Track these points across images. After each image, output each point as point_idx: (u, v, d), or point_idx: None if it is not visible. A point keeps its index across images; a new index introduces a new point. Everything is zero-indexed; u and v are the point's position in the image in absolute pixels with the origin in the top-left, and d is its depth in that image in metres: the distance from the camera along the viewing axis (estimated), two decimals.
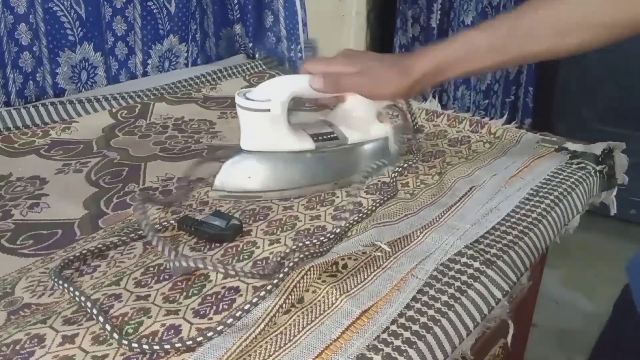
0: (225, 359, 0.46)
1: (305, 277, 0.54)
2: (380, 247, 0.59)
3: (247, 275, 0.55)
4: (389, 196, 0.71)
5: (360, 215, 0.66)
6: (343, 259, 0.59)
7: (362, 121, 0.76)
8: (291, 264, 0.55)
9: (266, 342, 0.49)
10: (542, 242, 0.66)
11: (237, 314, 0.50)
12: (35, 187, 0.75)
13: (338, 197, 0.71)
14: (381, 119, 0.77)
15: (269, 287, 0.52)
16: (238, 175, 0.70)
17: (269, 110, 0.68)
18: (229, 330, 0.49)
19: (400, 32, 1.98)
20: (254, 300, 0.51)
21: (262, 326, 0.49)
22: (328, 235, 0.62)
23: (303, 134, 0.72)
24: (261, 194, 0.71)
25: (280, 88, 0.70)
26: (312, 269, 0.55)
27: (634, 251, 0.67)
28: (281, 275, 0.53)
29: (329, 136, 0.74)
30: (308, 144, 0.72)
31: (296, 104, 0.72)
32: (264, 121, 0.68)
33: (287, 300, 0.52)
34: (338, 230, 0.63)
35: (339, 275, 0.56)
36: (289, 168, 0.71)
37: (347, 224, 0.64)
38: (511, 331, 0.61)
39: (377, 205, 0.69)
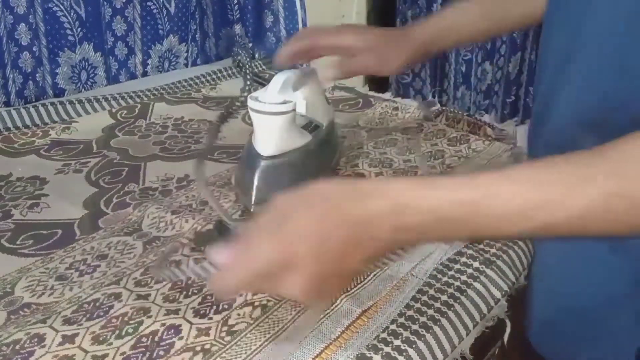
0: None
1: None
2: None
3: None
4: None
5: None
6: None
7: (320, 105, 0.77)
8: None
9: None
10: None
11: None
12: (35, 187, 0.75)
13: None
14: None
15: None
16: (273, 184, 0.68)
17: (294, 110, 0.67)
18: None
19: None
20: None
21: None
22: None
23: (298, 128, 0.72)
24: None
25: (291, 85, 0.70)
26: None
27: None
28: None
29: (312, 125, 0.74)
30: (307, 136, 0.72)
31: None
32: (285, 123, 0.67)
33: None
34: None
35: None
36: (305, 163, 0.71)
37: None
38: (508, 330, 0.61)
39: None
